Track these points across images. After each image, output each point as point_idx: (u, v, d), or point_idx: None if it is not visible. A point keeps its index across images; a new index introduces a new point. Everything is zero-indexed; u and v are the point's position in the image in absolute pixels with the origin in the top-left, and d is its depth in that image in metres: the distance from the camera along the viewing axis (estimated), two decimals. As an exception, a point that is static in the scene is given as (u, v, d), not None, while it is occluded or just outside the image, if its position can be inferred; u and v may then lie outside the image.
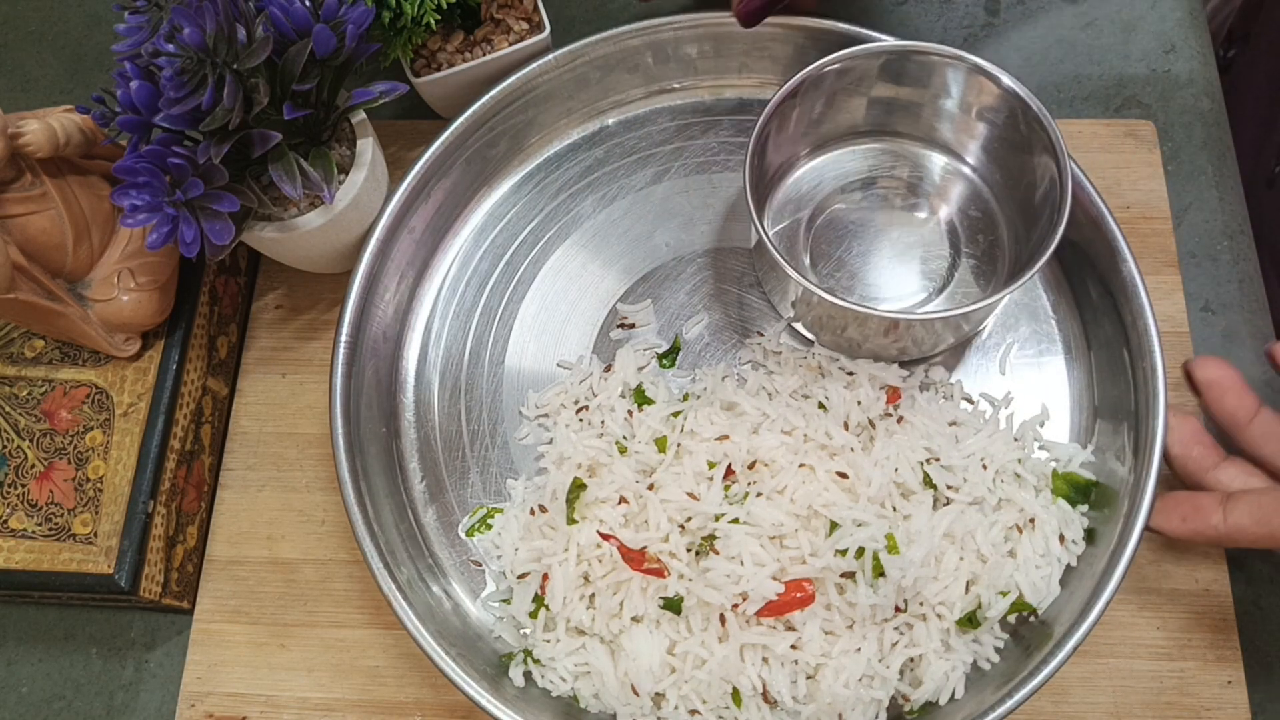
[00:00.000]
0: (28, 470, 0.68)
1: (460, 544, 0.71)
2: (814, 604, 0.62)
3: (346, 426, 0.68)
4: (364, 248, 0.72)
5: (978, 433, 0.67)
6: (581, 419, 0.71)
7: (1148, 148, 0.78)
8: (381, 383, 0.73)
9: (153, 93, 0.62)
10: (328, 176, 0.67)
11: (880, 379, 0.69)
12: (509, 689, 0.64)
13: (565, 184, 0.80)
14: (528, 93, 0.77)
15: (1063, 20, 0.85)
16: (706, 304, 0.76)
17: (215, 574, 0.72)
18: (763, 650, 0.62)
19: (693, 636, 0.63)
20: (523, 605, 0.66)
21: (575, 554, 0.65)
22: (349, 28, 0.64)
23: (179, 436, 0.70)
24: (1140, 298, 0.67)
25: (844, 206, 0.76)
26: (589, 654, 0.64)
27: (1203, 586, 0.68)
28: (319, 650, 0.70)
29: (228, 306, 0.77)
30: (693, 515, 0.64)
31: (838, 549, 0.61)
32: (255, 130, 0.63)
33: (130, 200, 0.61)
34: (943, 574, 0.62)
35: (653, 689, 0.62)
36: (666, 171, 0.80)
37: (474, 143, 0.77)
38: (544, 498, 0.68)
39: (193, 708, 0.69)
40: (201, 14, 0.60)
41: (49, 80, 0.91)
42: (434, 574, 0.69)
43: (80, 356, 0.71)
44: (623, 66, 0.79)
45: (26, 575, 0.66)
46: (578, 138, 0.81)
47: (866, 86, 0.72)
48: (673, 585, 0.63)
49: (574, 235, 0.79)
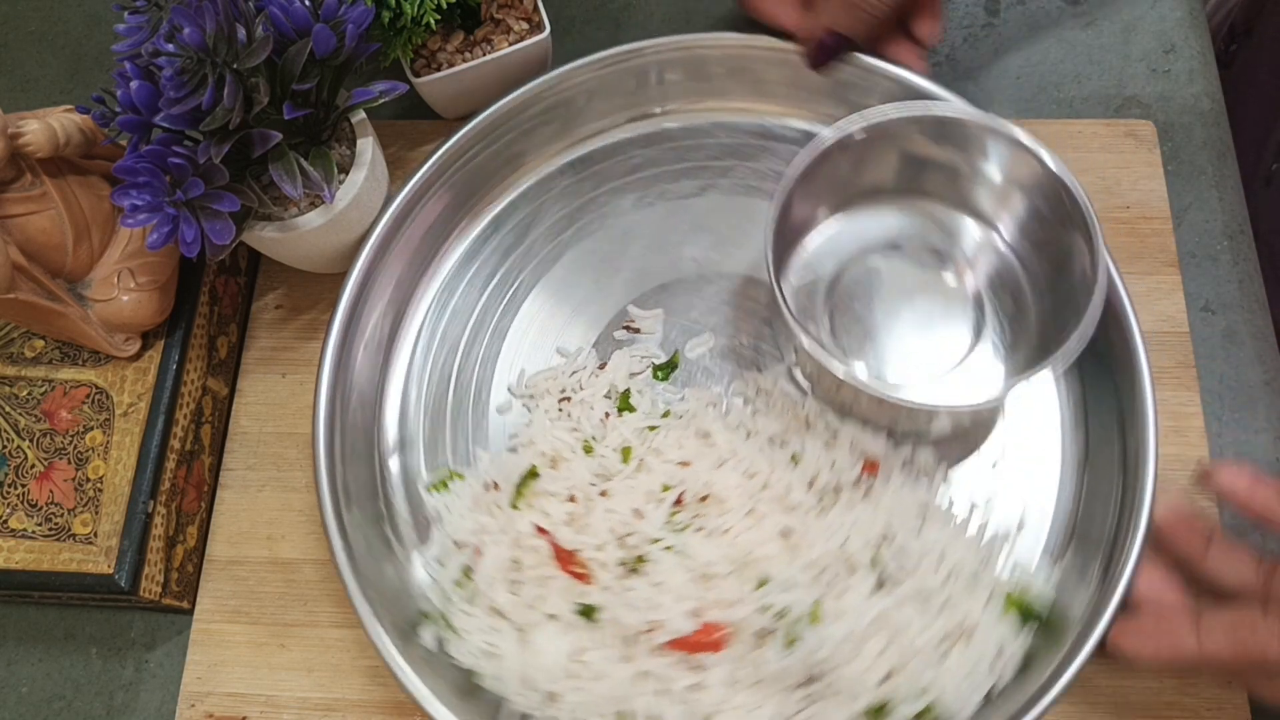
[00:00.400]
0: (28, 470, 0.68)
1: (418, 500, 0.71)
2: (724, 651, 0.61)
3: (338, 354, 0.69)
4: (394, 202, 0.73)
5: (945, 527, 0.65)
6: (562, 409, 0.71)
7: (1148, 148, 0.78)
8: (381, 330, 0.74)
9: (153, 92, 0.62)
10: (328, 176, 0.67)
11: (862, 447, 0.67)
12: (417, 649, 0.64)
13: (610, 176, 0.79)
14: (588, 79, 0.77)
15: (1063, 20, 0.85)
16: (716, 327, 0.75)
17: (215, 574, 0.72)
18: (661, 682, 0.61)
19: (598, 649, 0.62)
20: (452, 572, 0.66)
21: (511, 539, 0.65)
22: (349, 27, 0.64)
23: (179, 436, 0.70)
24: (1148, 428, 0.63)
25: (869, 266, 0.73)
26: (500, 636, 0.64)
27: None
28: (319, 650, 0.70)
29: (228, 306, 0.77)
30: (633, 532, 0.64)
31: (762, 604, 0.61)
32: (255, 130, 0.63)
33: (130, 200, 0.61)
34: (862, 658, 0.60)
35: (548, 688, 0.62)
36: (712, 187, 0.78)
37: (525, 122, 0.77)
38: (500, 475, 0.68)
39: (193, 708, 0.69)
40: (201, 14, 0.60)
41: (49, 80, 0.91)
42: (384, 520, 0.70)
43: (80, 356, 0.71)
44: (691, 74, 0.78)
45: (26, 575, 0.66)
46: (633, 135, 0.80)
47: (903, 144, 0.70)
48: (593, 594, 0.63)
49: (606, 229, 0.78)
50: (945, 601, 0.62)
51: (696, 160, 0.79)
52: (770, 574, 0.62)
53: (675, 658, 0.61)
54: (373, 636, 0.62)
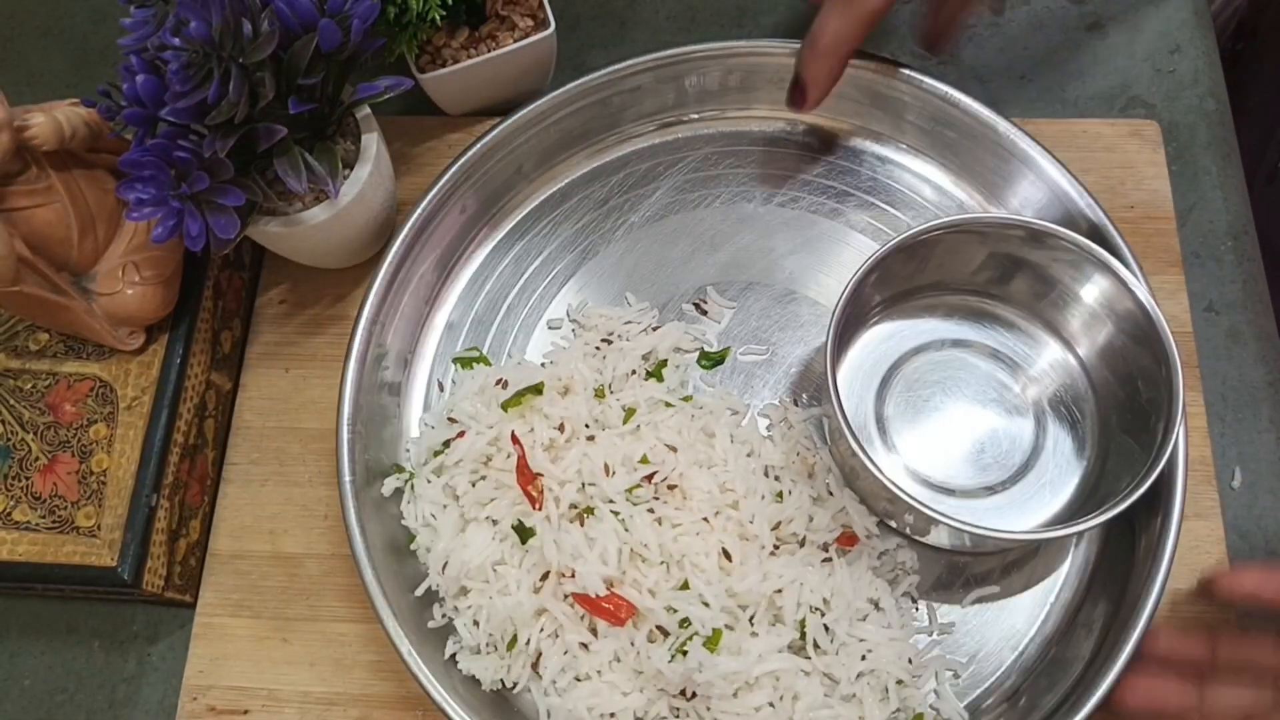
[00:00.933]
0: (31, 463, 0.69)
1: (443, 370, 0.75)
2: (621, 628, 0.62)
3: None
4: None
5: (887, 629, 0.63)
6: (599, 349, 0.72)
7: (1153, 147, 0.78)
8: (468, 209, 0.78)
9: (158, 86, 0.62)
10: (333, 171, 0.67)
11: (848, 519, 0.66)
12: (437, 654, 0.65)
13: (744, 165, 0.80)
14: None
15: (1067, 19, 0.85)
16: (778, 345, 0.74)
17: (218, 568, 0.72)
18: (555, 625, 0.63)
19: (516, 569, 0.64)
20: (434, 440, 0.69)
21: (492, 435, 0.67)
22: (354, 22, 0.64)
23: (182, 430, 0.70)
24: (1143, 616, 0.61)
25: (935, 357, 0.71)
26: (444, 515, 0.67)
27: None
28: (321, 645, 0.70)
29: (232, 301, 0.77)
30: (595, 484, 0.65)
31: (671, 604, 0.61)
32: (260, 124, 0.63)
33: (135, 194, 0.61)
34: (741, 702, 0.61)
35: (461, 580, 0.65)
36: (839, 213, 0.78)
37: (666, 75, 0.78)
38: (512, 377, 0.69)
39: (194, 701, 0.69)
40: (207, 8, 0.60)
41: (54, 74, 0.91)
42: (395, 392, 0.74)
43: (85, 350, 0.71)
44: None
45: (30, 568, 0.67)
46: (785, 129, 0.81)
47: (995, 245, 0.69)
48: (535, 519, 0.64)
49: (723, 207, 0.78)
50: (850, 695, 0.62)
51: (838, 181, 0.79)
52: (694, 584, 0.62)
53: (577, 612, 0.63)
54: (388, 628, 0.64)
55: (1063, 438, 0.69)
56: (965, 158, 0.77)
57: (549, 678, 0.63)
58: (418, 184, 0.77)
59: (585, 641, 0.63)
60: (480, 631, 0.64)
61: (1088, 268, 0.66)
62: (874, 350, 0.72)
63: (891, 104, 0.77)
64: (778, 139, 0.80)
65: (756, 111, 0.81)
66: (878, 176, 0.78)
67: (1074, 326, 0.70)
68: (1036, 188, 0.73)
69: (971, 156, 0.76)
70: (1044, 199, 0.73)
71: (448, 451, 0.68)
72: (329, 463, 0.73)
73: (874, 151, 0.79)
